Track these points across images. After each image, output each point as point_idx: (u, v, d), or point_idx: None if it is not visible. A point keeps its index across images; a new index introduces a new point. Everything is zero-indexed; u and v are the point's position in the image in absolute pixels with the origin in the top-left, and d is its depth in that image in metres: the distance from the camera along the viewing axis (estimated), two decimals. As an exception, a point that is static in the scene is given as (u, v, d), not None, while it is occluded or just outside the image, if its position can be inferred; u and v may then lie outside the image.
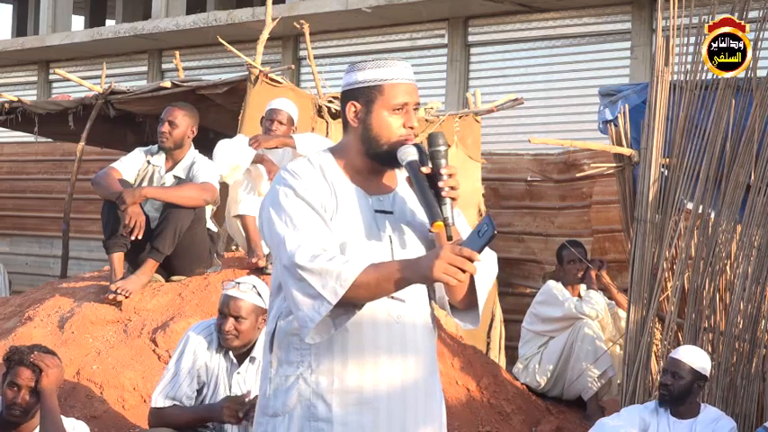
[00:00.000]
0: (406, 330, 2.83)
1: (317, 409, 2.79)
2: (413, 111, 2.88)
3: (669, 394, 5.24)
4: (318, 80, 8.50)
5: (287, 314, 2.84)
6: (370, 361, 2.80)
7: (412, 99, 2.87)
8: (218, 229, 6.61)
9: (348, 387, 2.79)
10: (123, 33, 17.83)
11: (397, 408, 2.82)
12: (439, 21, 14.84)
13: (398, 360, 2.82)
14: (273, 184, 2.87)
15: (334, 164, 2.90)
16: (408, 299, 2.83)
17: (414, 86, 2.90)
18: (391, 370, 2.81)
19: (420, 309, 2.88)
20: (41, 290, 6.64)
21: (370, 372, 2.80)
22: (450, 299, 2.89)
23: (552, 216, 9.68)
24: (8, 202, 13.73)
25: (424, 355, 2.88)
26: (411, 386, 2.84)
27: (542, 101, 13.50)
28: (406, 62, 2.94)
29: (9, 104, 9.81)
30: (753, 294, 5.84)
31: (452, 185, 2.76)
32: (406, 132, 2.86)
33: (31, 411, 4.39)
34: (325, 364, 2.80)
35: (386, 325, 2.81)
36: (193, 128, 6.31)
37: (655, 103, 6.11)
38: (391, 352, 2.81)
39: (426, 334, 2.89)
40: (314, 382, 2.80)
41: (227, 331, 4.66)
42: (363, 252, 2.79)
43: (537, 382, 7.19)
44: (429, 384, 2.90)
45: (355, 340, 2.80)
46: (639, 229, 6.09)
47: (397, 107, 2.86)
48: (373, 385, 2.80)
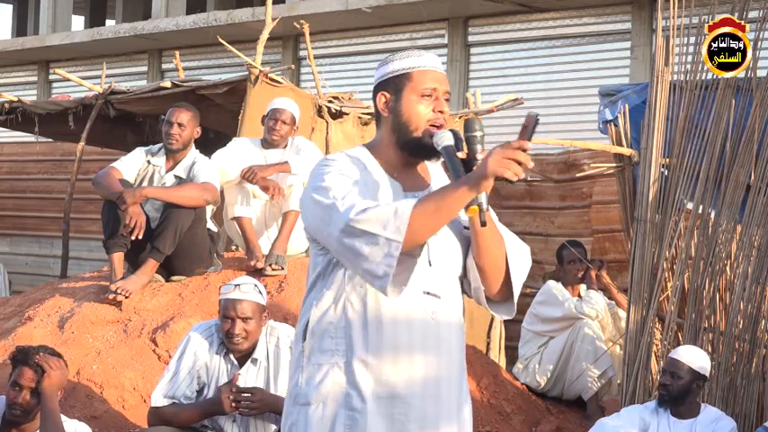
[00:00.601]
0: (440, 328, 2.83)
1: (352, 398, 2.78)
2: (443, 98, 2.87)
3: (668, 394, 5.24)
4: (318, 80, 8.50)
5: (321, 301, 2.85)
6: (404, 357, 2.80)
7: (441, 86, 2.87)
8: (218, 229, 6.62)
9: (382, 381, 2.79)
10: (123, 33, 17.84)
11: (430, 404, 2.82)
12: (439, 21, 14.85)
13: (432, 357, 2.82)
14: (312, 174, 2.86)
15: (371, 159, 2.90)
16: (443, 295, 2.84)
17: (444, 76, 2.90)
18: (425, 366, 2.81)
19: (454, 305, 2.88)
20: (41, 290, 6.64)
21: (405, 367, 2.80)
22: (487, 290, 2.88)
23: (552, 216, 9.68)
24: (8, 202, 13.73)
25: (457, 352, 2.88)
26: (444, 383, 2.84)
27: (542, 101, 13.49)
28: (434, 54, 2.95)
29: (9, 104, 9.81)
30: (753, 294, 5.84)
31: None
32: (434, 116, 2.85)
33: (32, 412, 4.40)
34: (360, 356, 2.80)
35: (421, 321, 2.81)
36: (197, 128, 6.33)
37: (655, 103, 6.11)
38: (426, 349, 2.81)
39: (459, 332, 2.90)
40: (349, 372, 2.80)
41: (237, 334, 4.65)
42: None
43: (537, 382, 7.18)
44: (460, 382, 2.91)
45: (390, 335, 2.79)
46: (639, 229, 6.09)
47: (426, 92, 2.86)
48: (407, 381, 2.80)
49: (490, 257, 2.83)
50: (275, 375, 4.74)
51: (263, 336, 4.77)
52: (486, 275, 2.85)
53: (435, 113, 2.85)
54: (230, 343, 4.69)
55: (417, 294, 2.80)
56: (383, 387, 2.79)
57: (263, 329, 4.77)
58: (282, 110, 6.73)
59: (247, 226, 6.52)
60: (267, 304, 4.89)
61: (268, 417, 4.71)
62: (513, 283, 2.85)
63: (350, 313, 2.82)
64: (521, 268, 2.87)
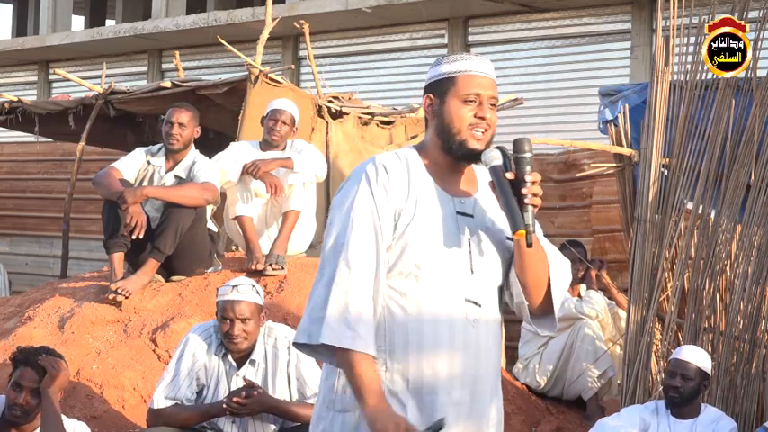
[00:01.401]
0: (479, 334, 2.84)
1: (393, 407, 2.77)
2: (488, 104, 2.84)
3: (680, 396, 5.22)
4: (318, 80, 8.50)
5: None
6: (443, 363, 2.81)
7: (486, 92, 2.85)
8: (218, 229, 6.62)
9: (422, 388, 2.80)
10: (123, 33, 17.83)
11: (467, 411, 2.84)
12: (439, 21, 14.85)
13: (472, 363, 2.83)
14: (357, 173, 2.86)
15: (419, 162, 2.89)
16: (484, 303, 2.85)
17: (491, 81, 2.87)
18: (465, 373, 2.82)
19: (493, 313, 2.89)
20: (41, 290, 6.64)
21: (445, 374, 2.81)
22: (530, 304, 2.89)
23: (552, 216, 9.68)
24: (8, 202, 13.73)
25: (494, 358, 2.90)
26: (482, 389, 2.86)
27: (542, 101, 13.50)
28: (486, 59, 2.94)
29: (9, 104, 9.81)
30: (753, 294, 5.84)
31: (536, 192, 2.74)
32: (476, 122, 2.83)
33: (32, 413, 4.39)
34: (400, 363, 2.80)
35: (462, 327, 2.82)
36: (197, 128, 6.33)
37: (655, 103, 6.11)
38: (466, 355, 2.82)
39: (497, 339, 2.91)
40: (389, 380, 2.80)
41: (237, 335, 4.65)
42: (441, 258, 2.80)
43: (537, 382, 7.18)
44: (497, 388, 2.94)
45: (430, 340, 2.80)
46: (639, 229, 6.09)
47: (470, 98, 2.84)
48: (447, 387, 2.81)
49: (533, 273, 2.84)
50: (273, 376, 4.74)
51: (261, 336, 4.77)
52: (528, 290, 2.86)
53: (477, 119, 2.83)
54: (230, 344, 4.69)
55: (459, 301, 2.82)
56: (424, 395, 2.80)
57: (261, 330, 4.77)
58: (282, 110, 6.73)
59: (248, 225, 6.52)
60: (267, 304, 4.89)
61: (266, 418, 4.71)
62: (554, 298, 2.86)
63: (390, 319, 2.81)
64: (562, 283, 2.88)
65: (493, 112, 2.86)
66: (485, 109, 2.84)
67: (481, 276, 2.85)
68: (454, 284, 2.81)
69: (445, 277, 2.81)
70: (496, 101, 2.88)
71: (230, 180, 6.50)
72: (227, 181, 6.50)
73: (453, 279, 2.81)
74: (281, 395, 4.71)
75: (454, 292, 2.80)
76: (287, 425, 4.74)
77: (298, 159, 6.55)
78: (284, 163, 6.54)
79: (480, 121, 2.83)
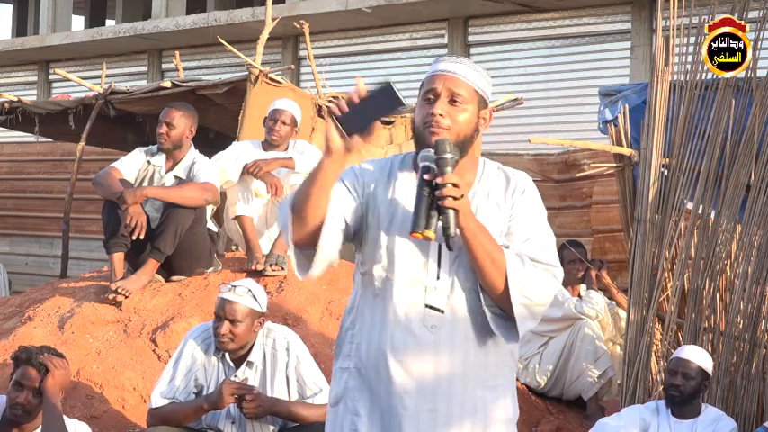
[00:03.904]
0: (440, 340, 2.82)
1: (357, 403, 2.87)
2: (445, 99, 2.85)
3: (680, 395, 5.22)
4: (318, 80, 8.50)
5: (348, 311, 2.95)
6: (397, 367, 2.82)
7: (439, 86, 2.86)
8: (218, 229, 6.62)
9: (377, 390, 2.85)
10: (123, 33, 17.83)
11: (429, 420, 2.83)
12: (439, 21, 14.85)
13: (429, 369, 2.82)
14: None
15: (410, 164, 2.94)
16: (450, 309, 2.83)
17: (452, 78, 2.88)
18: (422, 379, 2.82)
19: (463, 319, 2.84)
20: (41, 290, 6.64)
21: (399, 378, 2.82)
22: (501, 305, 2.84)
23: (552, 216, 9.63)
24: (8, 202, 13.74)
25: (467, 365, 2.85)
26: (449, 398, 2.84)
27: (542, 101, 13.50)
28: (464, 60, 2.95)
29: (9, 104, 9.82)
30: (753, 294, 5.84)
31: (452, 195, 2.71)
32: (429, 117, 2.84)
33: (34, 412, 4.39)
34: (364, 363, 2.87)
35: (419, 334, 2.82)
36: (192, 128, 6.31)
37: (655, 103, 6.11)
38: (421, 361, 2.82)
39: (467, 346, 2.85)
40: (357, 377, 2.88)
41: (223, 334, 4.66)
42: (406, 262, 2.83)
43: (537, 382, 7.18)
44: (479, 400, 2.87)
45: (388, 347, 2.83)
46: (639, 229, 6.08)
47: (428, 96, 2.87)
48: (400, 393, 2.82)
49: (480, 278, 2.81)
50: (271, 378, 4.74)
51: (260, 338, 4.77)
52: (487, 293, 2.83)
53: (429, 115, 2.85)
54: (217, 342, 4.70)
55: (418, 306, 2.82)
56: (381, 397, 2.84)
57: (259, 332, 4.77)
58: (283, 110, 6.73)
59: (248, 225, 6.52)
60: (267, 305, 4.88)
61: (266, 418, 4.71)
62: (515, 310, 2.80)
63: (359, 321, 2.90)
64: (527, 296, 2.80)
65: (452, 107, 2.86)
66: (436, 104, 2.85)
67: (450, 282, 2.83)
68: (415, 290, 2.82)
69: (407, 282, 2.83)
70: (459, 95, 2.87)
71: (230, 180, 6.50)
72: (228, 181, 6.50)
73: (415, 285, 2.83)
74: (279, 396, 4.71)
75: (414, 298, 2.82)
76: (287, 425, 4.74)
77: (299, 159, 6.56)
78: (285, 163, 6.54)
79: (430, 116, 2.84)
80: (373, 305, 2.87)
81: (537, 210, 2.93)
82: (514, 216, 2.89)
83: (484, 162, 3.00)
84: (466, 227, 2.75)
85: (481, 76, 2.94)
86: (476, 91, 2.91)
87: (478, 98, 2.93)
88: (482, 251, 2.77)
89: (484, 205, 2.89)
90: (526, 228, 2.88)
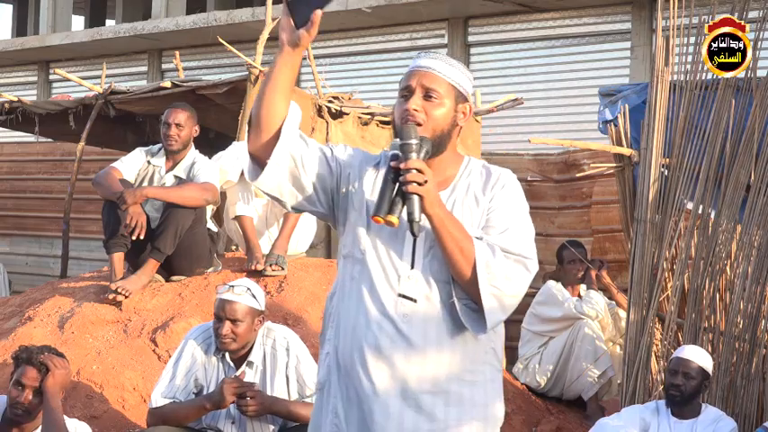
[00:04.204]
0: (412, 329, 2.83)
1: (334, 387, 2.91)
2: (420, 93, 2.88)
3: (681, 395, 5.22)
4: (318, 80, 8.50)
5: (331, 296, 2.98)
6: (370, 354, 2.84)
7: (414, 83, 2.89)
8: (218, 229, 6.62)
9: (351, 374, 2.87)
10: (123, 33, 17.83)
11: (395, 402, 2.84)
12: (439, 21, 14.84)
13: (401, 358, 2.83)
14: None
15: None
16: (423, 299, 2.84)
17: (423, 73, 2.91)
18: (394, 367, 2.83)
19: (437, 309, 2.85)
20: (41, 290, 6.64)
21: (372, 365, 2.84)
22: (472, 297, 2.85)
23: (552, 216, 9.68)
24: (8, 202, 13.74)
25: (440, 355, 2.85)
26: (422, 387, 2.84)
27: (542, 101, 13.49)
28: (438, 54, 2.99)
29: (9, 104, 9.81)
30: (753, 294, 5.84)
31: (415, 180, 2.72)
32: (404, 113, 2.87)
33: (34, 412, 4.39)
34: (341, 349, 2.90)
35: (392, 322, 2.83)
36: (196, 127, 6.34)
37: (655, 103, 6.11)
38: (393, 349, 2.82)
39: (440, 333, 2.85)
40: (335, 363, 2.92)
41: (225, 335, 4.66)
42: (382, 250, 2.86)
43: (537, 382, 7.18)
44: (454, 391, 2.87)
45: (362, 333, 2.85)
46: (639, 229, 6.09)
47: (403, 93, 2.91)
48: (374, 379, 2.84)
49: (450, 267, 2.82)
50: (271, 378, 4.74)
51: (260, 338, 4.77)
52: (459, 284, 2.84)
53: (404, 111, 2.88)
54: (219, 343, 4.70)
55: (391, 295, 2.84)
56: (351, 376, 2.87)
57: (259, 332, 4.77)
58: (283, 110, 6.72)
59: (248, 226, 6.52)
60: (267, 305, 4.89)
61: (266, 418, 4.71)
62: (483, 301, 2.79)
63: (338, 306, 2.93)
64: (496, 286, 2.80)
65: (428, 102, 2.88)
66: (411, 100, 2.88)
67: (424, 273, 2.84)
68: (389, 278, 2.84)
69: (382, 270, 2.85)
70: (434, 91, 2.89)
71: (230, 180, 6.50)
72: (228, 181, 6.50)
73: (389, 272, 2.85)
74: (279, 396, 4.71)
75: (387, 286, 2.84)
76: (287, 425, 4.74)
77: None
78: None
79: (405, 112, 2.87)
80: (351, 290, 2.89)
81: (516, 204, 2.93)
82: (492, 209, 2.90)
83: (469, 159, 3.01)
84: (433, 214, 2.76)
85: (458, 71, 2.95)
86: (452, 86, 2.92)
87: (455, 93, 2.93)
88: (450, 239, 2.78)
89: (462, 199, 2.91)
90: (503, 220, 2.88)
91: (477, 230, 2.86)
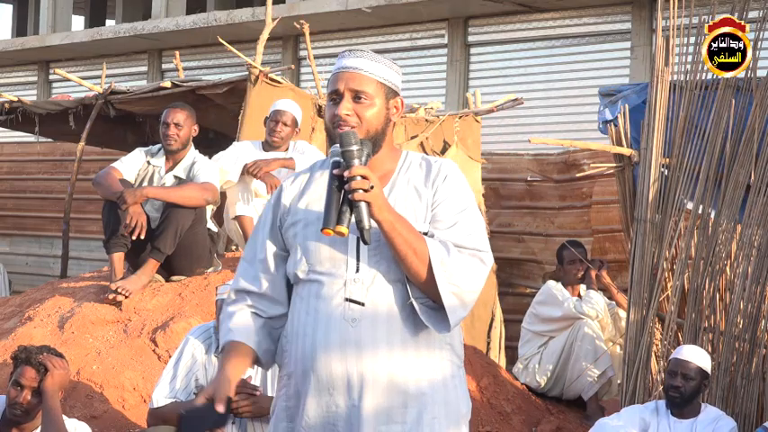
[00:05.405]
0: (361, 334, 2.77)
1: (290, 410, 2.87)
2: (349, 98, 2.84)
3: (680, 396, 5.22)
4: (318, 80, 8.49)
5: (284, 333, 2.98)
6: (321, 363, 2.79)
7: (341, 86, 2.85)
8: (218, 229, 6.62)
9: (304, 388, 2.83)
10: (123, 33, 17.83)
11: (354, 411, 2.80)
12: (439, 21, 14.85)
13: (353, 363, 2.78)
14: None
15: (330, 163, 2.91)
16: (371, 302, 2.79)
17: (350, 74, 2.86)
18: (347, 373, 2.78)
19: (386, 312, 2.80)
20: (41, 290, 6.64)
21: (324, 374, 2.79)
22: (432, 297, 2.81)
23: (552, 216, 9.68)
24: (8, 202, 13.73)
25: (387, 355, 2.79)
26: (377, 392, 2.78)
27: (542, 101, 13.50)
28: (363, 51, 2.94)
29: (9, 104, 9.81)
30: (753, 294, 5.84)
31: (361, 187, 2.67)
32: (336, 119, 2.84)
33: (33, 412, 4.39)
34: (291, 367, 2.86)
35: (338, 327, 2.78)
36: (195, 127, 6.33)
37: (655, 103, 6.11)
38: (344, 355, 2.78)
39: (390, 337, 2.80)
40: (288, 384, 2.88)
41: None
42: (325, 257, 2.82)
43: (537, 382, 7.19)
44: (394, 386, 2.81)
45: (310, 342, 2.81)
46: (639, 229, 6.09)
47: (332, 96, 2.87)
48: (327, 388, 2.80)
49: (404, 269, 2.78)
50: (272, 378, 4.74)
51: None
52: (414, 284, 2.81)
53: (336, 116, 2.84)
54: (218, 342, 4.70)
55: (338, 300, 2.79)
56: (303, 390, 2.82)
57: None
58: (284, 111, 6.73)
59: (248, 225, 6.52)
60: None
61: (266, 418, 4.70)
62: (443, 298, 2.75)
63: (289, 325, 2.89)
64: (455, 283, 2.76)
65: (358, 104, 2.84)
66: (341, 105, 2.84)
67: (371, 275, 2.80)
68: (334, 283, 2.80)
69: (326, 276, 2.81)
70: (363, 92, 2.85)
71: (230, 180, 6.50)
72: (228, 181, 6.50)
73: (334, 278, 2.80)
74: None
75: (333, 291, 2.79)
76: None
77: (300, 160, 6.56)
78: (286, 163, 6.54)
79: (336, 117, 2.84)
80: (300, 309, 2.85)
81: (461, 195, 2.88)
82: (438, 203, 2.86)
83: (407, 153, 2.97)
84: (382, 219, 2.71)
85: (386, 67, 2.92)
86: (381, 83, 2.88)
87: (385, 90, 2.89)
88: (402, 242, 2.73)
89: (404, 194, 2.86)
90: (450, 214, 2.83)
91: (422, 225, 2.82)
